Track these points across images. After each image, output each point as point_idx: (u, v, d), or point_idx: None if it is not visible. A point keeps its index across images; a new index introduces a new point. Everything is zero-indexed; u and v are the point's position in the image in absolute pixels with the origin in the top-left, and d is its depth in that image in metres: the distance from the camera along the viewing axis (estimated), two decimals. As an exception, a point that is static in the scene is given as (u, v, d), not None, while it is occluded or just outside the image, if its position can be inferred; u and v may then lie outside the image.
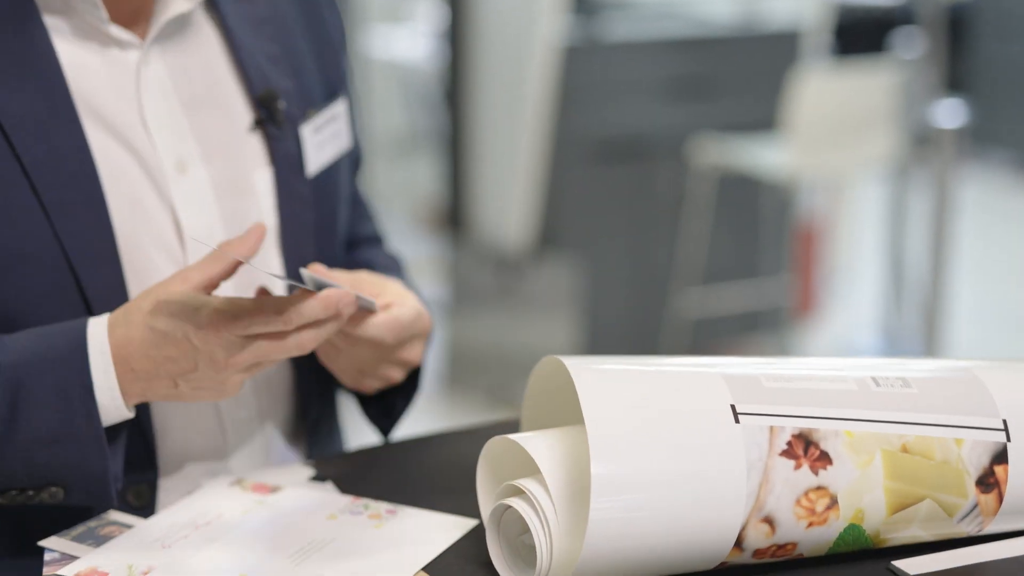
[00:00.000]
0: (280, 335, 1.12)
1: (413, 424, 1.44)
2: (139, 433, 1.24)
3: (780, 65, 4.30)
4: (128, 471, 1.23)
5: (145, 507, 1.25)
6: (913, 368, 1.13)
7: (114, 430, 1.16)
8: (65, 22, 1.22)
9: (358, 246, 1.51)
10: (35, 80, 1.18)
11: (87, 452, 1.12)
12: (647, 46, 4.21)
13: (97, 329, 1.14)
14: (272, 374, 1.35)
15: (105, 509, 1.17)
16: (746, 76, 4.34)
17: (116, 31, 1.24)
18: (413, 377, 1.38)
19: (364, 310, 1.23)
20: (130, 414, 1.15)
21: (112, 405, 1.13)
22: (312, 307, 1.11)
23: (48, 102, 1.18)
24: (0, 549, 1.22)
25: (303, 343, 1.12)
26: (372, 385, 1.34)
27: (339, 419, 1.50)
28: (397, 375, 1.33)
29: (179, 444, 1.28)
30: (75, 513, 1.18)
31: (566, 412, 1.12)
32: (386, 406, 1.40)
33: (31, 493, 1.13)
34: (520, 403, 1.18)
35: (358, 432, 1.57)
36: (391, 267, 1.47)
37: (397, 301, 1.27)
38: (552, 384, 1.13)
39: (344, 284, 1.20)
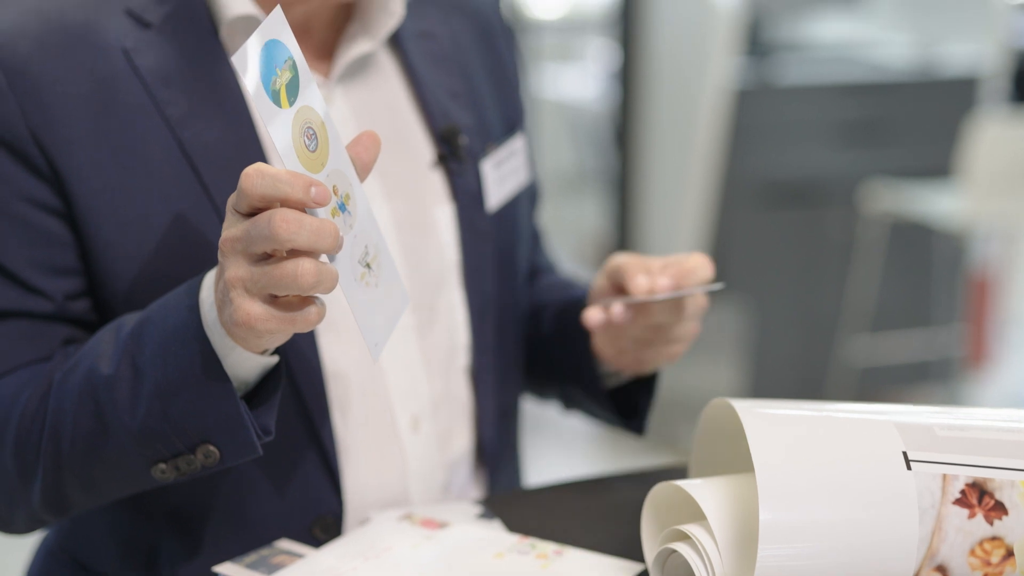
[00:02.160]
0: (276, 256, 0.99)
1: (577, 464, 1.45)
2: (324, 465, 1.26)
3: (956, 111, 4.22)
4: (314, 504, 1.25)
5: (331, 540, 1.25)
6: (1093, 423, 1.10)
7: (262, 385, 1.13)
8: None
9: (539, 275, 1.54)
10: (224, 117, 1.22)
11: (214, 393, 1.08)
12: (820, 90, 4.18)
13: (212, 271, 1.10)
14: (454, 404, 1.36)
15: (251, 457, 1.12)
16: (920, 122, 4.27)
17: None
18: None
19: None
20: (260, 358, 1.10)
21: (225, 345, 1.07)
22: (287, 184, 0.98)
23: (236, 138, 1.22)
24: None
25: (299, 272, 0.97)
26: (652, 361, 1.35)
27: (519, 454, 1.51)
28: (679, 350, 1.34)
29: (363, 477, 1.29)
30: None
31: (734, 455, 1.11)
32: (630, 406, 1.43)
33: (190, 457, 1.11)
34: (682, 445, 1.18)
35: (536, 468, 1.58)
36: (574, 283, 1.50)
37: None
38: (720, 427, 1.13)
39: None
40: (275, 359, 1.12)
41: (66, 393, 1.14)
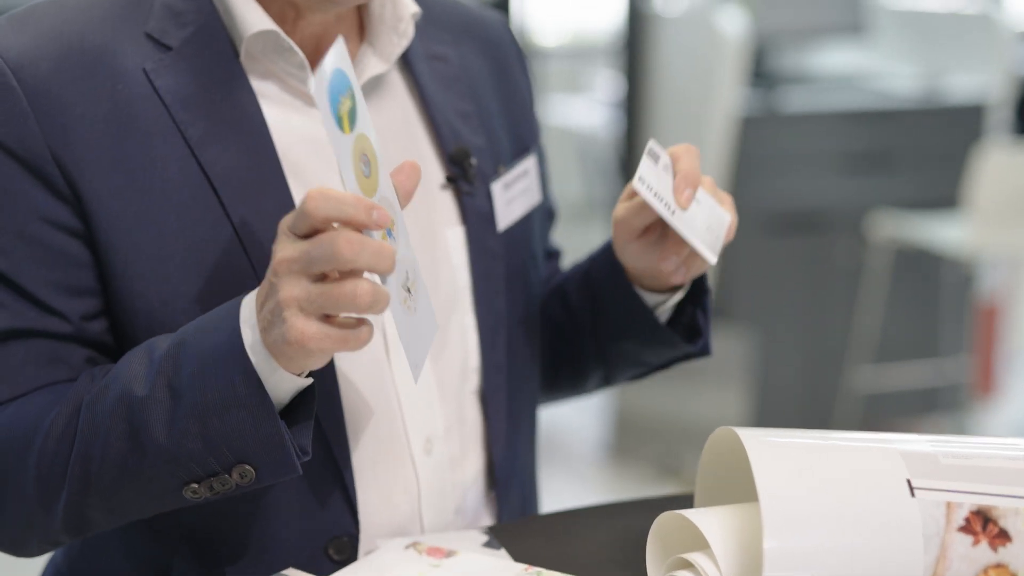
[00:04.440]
0: (331, 277, 1.02)
1: (583, 491, 1.45)
2: (340, 487, 1.26)
3: (962, 140, 4.22)
4: (329, 526, 1.25)
5: (346, 561, 1.26)
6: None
7: (298, 402, 1.14)
8: (271, 86, 1.27)
9: (557, 276, 1.54)
10: (243, 140, 1.23)
11: (255, 415, 1.08)
12: (826, 118, 4.19)
13: (252, 293, 1.11)
14: (466, 427, 1.36)
15: (290, 476, 1.13)
16: (926, 150, 4.28)
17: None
18: (697, 285, 1.40)
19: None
20: (297, 379, 1.11)
21: (267, 367, 1.08)
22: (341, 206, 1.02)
23: (255, 161, 1.23)
24: None
25: (358, 292, 1.01)
26: (685, 275, 1.33)
27: (535, 475, 1.51)
28: (712, 259, 1.31)
29: (377, 499, 1.29)
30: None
31: (740, 483, 1.11)
32: (686, 329, 1.40)
33: (225, 477, 1.12)
34: (687, 473, 1.18)
35: (542, 495, 1.58)
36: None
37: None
38: (726, 455, 1.13)
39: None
40: (309, 380, 1.13)
41: (97, 415, 1.14)
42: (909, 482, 1.02)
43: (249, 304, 1.10)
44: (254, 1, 1.25)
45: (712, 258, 1.23)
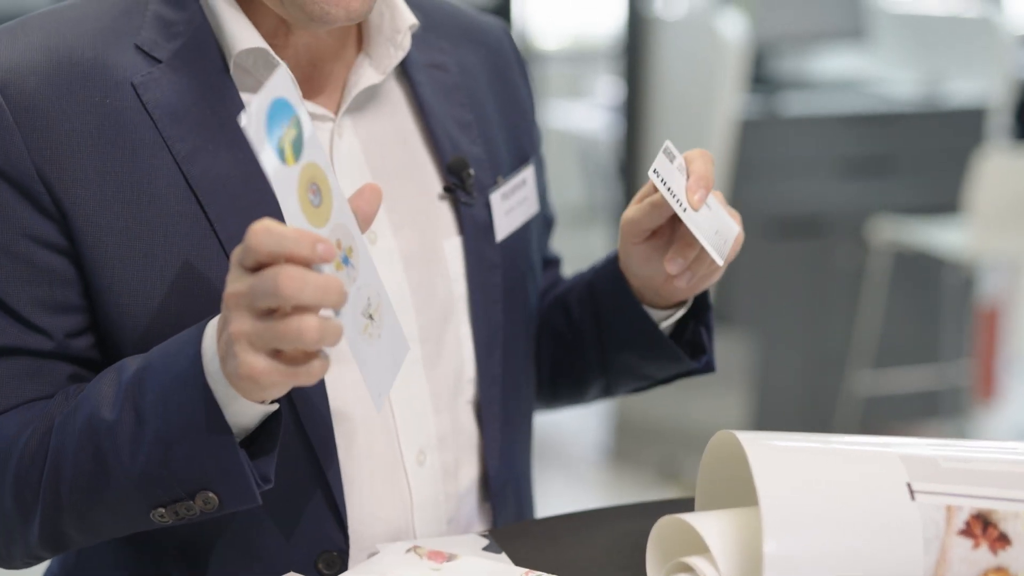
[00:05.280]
0: (281, 312, 1.00)
1: (582, 495, 1.45)
2: (329, 501, 1.26)
3: (963, 144, 4.23)
4: (319, 540, 1.25)
5: (336, 575, 1.26)
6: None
7: (262, 430, 1.14)
8: None
9: (558, 285, 1.54)
10: (231, 153, 1.22)
11: (216, 443, 1.08)
12: (826, 121, 4.19)
13: (215, 319, 1.11)
14: (461, 437, 1.36)
15: (250, 506, 1.12)
16: (927, 154, 4.28)
17: (310, 106, 1.28)
18: (700, 303, 1.38)
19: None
20: (261, 407, 1.10)
21: (227, 395, 1.07)
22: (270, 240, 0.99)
23: (243, 174, 1.22)
24: None
25: (303, 329, 0.98)
26: (690, 290, 1.31)
27: (530, 485, 1.50)
28: (715, 277, 1.30)
29: (368, 511, 1.29)
30: None
31: (740, 487, 1.11)
32: (689, 346, 1.39)
33: (189, 503, 1.12)
34: (687, 477, 1.18)
35: (542, 500, 1.58)
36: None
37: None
38: (726, 459, 1.13)
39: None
40: (275, 407, 1.12)
41: (67, 435, 1.15)
42: (909, 485, 1.02)
43: (211, 332, 1.09)
44: (245, 16, 1.25)
45: (720, 260, 1.23)
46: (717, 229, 1.24)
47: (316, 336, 0.98)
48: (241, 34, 1.24)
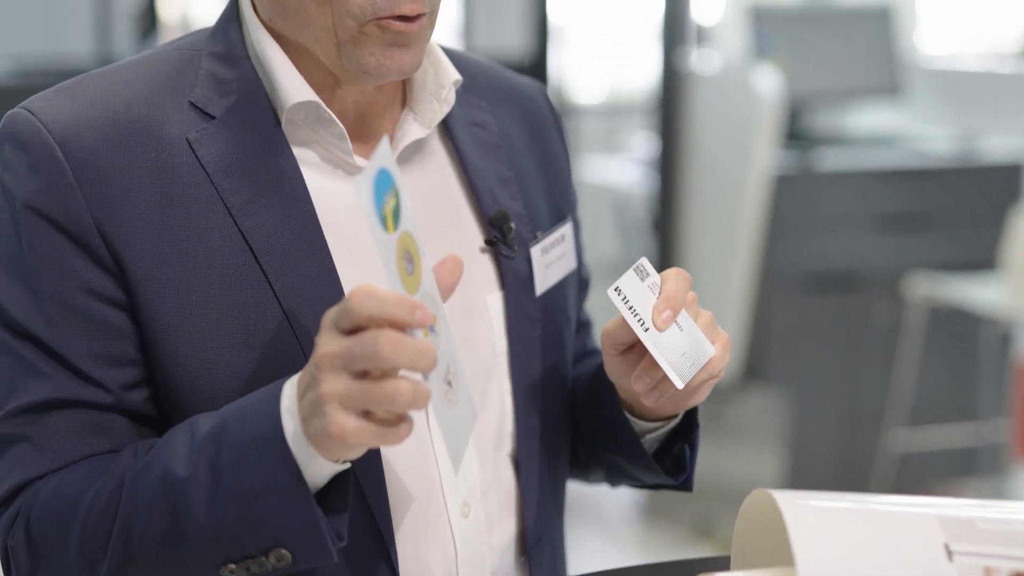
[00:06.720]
0: (373, 375, 1.03)
1: (616, 553, 1.44)
2: (381, 551, 1.26)
3: (999, 200, 4.21)
4: None
5: None
6: None
7: (336, 485, 1.15)
8: (313, 153, 1.29)
9: (587, 357, 1.54)
10: (285, 206, 1.25)
11: (294, 502, 1.10)
12: (861, 176, 4.18)
13: (293, 379, 1.12)
14: (501, 491, 1.36)
15: (325, 563, 1.14)
16: (963, 210, 4.27)
17: (360, 160, 1.30)
18: (689, 420, 1.38)
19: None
20: (335, 465, 1.12)
21: (306, 455, 1.09)
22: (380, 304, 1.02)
23: (297, 226, 1.24)
24: None
25: (397, 392, 1.02)
26: (667, 407, 1.31)
27: (563, 542, 1.50)
28: (700, 397, 1.30)
29: (415, 562, 1.29)
30: None
31: (776, 546, 1.11)
32: (674, 460, 1.39)
33: (262, 559, 1.13)
34: (721, 535, 1.17)
35: (576, 556, 1.57)
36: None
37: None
38: (762, 517, 1.12)
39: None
40: (347, 466, 1.14)
41: (139, 491, 1.16)
42: (947, 546, 1.01)
43: (290, 392, 1.11)
44: (295, 70, 1.27)
45: (679, 383, 1.22)
46: (685, 351, 1.23)
47: (409, 399, 1.02)
48: (293, 88, 1.26)
